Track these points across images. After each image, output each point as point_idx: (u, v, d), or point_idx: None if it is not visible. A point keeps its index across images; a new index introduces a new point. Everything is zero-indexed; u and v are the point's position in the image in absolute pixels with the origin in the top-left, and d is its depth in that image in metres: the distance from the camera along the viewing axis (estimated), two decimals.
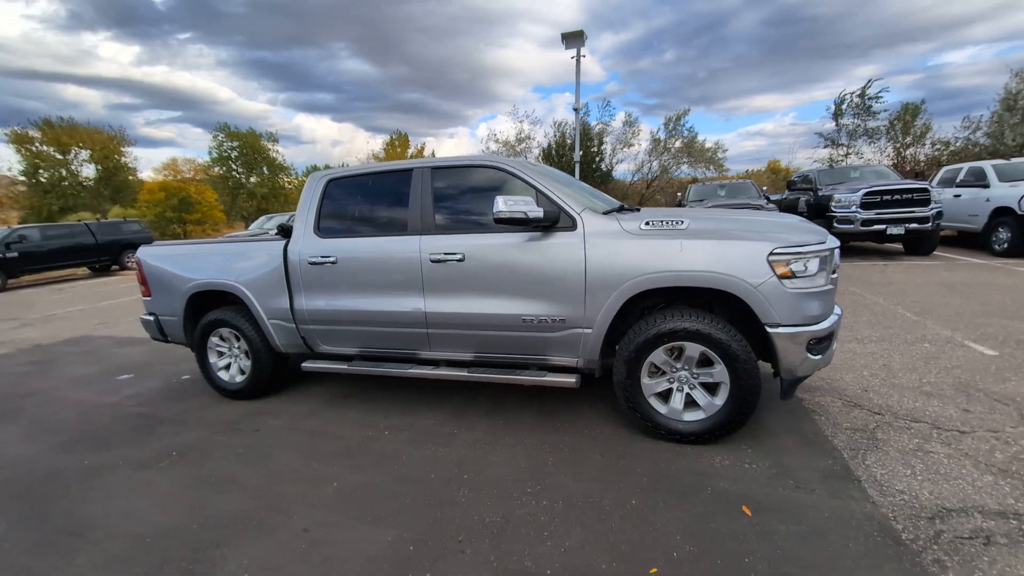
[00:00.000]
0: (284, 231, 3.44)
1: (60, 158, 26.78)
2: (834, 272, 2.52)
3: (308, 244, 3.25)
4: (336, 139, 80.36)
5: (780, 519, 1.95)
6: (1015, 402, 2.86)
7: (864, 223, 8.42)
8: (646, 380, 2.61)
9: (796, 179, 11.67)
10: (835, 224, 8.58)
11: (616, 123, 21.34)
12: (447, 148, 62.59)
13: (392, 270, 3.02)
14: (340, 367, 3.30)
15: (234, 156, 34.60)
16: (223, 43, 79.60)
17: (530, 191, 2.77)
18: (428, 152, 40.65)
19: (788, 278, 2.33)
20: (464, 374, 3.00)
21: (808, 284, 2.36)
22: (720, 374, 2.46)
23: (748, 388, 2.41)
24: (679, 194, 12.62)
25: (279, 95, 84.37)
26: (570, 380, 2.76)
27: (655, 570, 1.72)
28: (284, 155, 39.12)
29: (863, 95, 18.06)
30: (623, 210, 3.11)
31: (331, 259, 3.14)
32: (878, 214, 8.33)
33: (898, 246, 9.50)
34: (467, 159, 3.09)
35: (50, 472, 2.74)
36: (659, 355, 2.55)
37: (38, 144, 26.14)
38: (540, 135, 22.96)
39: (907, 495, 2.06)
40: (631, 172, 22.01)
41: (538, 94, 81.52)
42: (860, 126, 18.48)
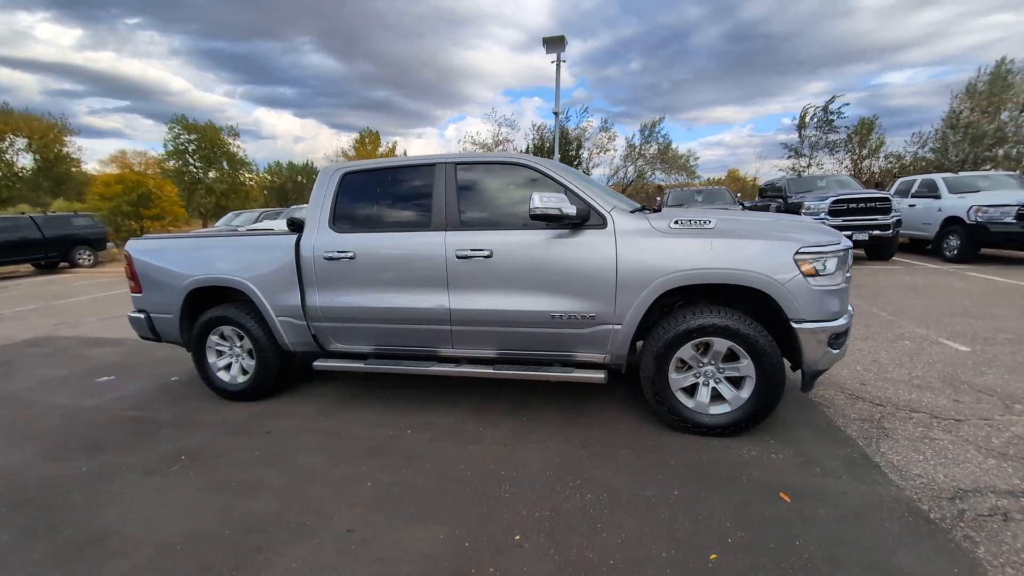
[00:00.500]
0: (294, 225, 3.32)
1: None
2: (848, 271, 2.67)
3: (323, 238, 3.14)
4: (299, 135, 77.84)
5: (819, 504, 2.05)
6: (997, 393, 3.12)
7: None
8: (674, 375, 2.68)
9: (766, 187, 12.29)
10: None
11: (592, 125, 21.80)
12: (416, 148, 61.95)
13: (416, 266, 2.97)
14: (356, 366, 3.21)
15: (191, 149, 32.89)
16: (177, 31, 75.25)
17: (560, 190, 2.79)
18: (400, 151, 40.02)
19: (812, 276, 2.45)
20: (489, 371, 2.98)
21: (828, 282, 2.49)
22: (746, 368, 2.56)
23: (774, 382, 2.52)
24: (658, 199, 13.01)
25: (237, 88, 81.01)
26: (599, 376, 2.79)
27: (715, 556, 1.77)
28: (245, 150, 37.36)
29: (826, 110, 19.24)
30: (643, 210, 3.19)
31: (349, 254, 3.06)
32: (845, 221, 8.86)
33: (861, 251, 10.13)
34: (495, 156, 3.09)
35: (44, 481, 2.53)
36: (687, 350, 2.63)
37: None
38: (518, 137, 23.10)
39: (925, 479, 2.21)
40: (607, 176, 22.49)
41: (508, 97, 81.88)
42: (822, 138, 19.67)
